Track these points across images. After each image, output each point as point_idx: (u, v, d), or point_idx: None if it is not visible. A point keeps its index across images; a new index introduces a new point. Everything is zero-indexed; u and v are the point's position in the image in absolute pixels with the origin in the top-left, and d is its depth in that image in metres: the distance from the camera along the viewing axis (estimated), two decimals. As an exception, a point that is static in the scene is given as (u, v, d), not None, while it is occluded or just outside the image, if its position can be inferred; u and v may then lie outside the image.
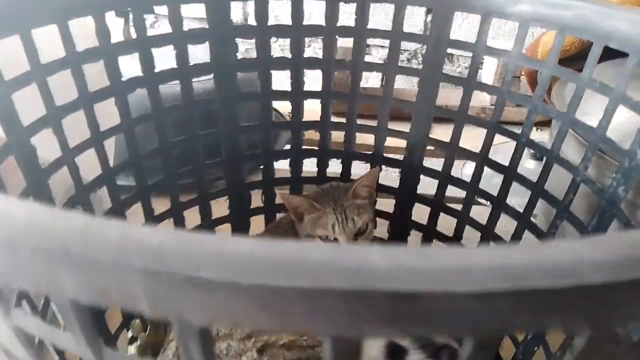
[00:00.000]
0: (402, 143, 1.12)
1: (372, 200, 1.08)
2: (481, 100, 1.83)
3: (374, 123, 1.11)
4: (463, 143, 1.04)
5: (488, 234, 1.02)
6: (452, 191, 1.08)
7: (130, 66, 0.92)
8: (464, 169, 1.72)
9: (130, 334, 0.97)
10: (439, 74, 1.02)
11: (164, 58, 0.94)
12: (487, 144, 1.00)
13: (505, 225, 1.00)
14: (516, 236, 0.96)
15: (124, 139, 0.93)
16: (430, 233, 1.13)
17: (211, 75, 1.01)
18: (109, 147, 0.93)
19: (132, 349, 0.95)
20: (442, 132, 1.10)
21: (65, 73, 0.79)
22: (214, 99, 1.04)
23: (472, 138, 1.07)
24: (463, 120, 1.02)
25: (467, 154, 1.04)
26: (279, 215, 1.18)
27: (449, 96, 1.76)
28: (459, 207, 1.07)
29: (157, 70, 0.93)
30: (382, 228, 1.20)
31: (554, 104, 1.03)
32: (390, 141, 1.12)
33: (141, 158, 0.96)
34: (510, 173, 0.97)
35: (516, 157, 0.95)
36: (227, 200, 1.14)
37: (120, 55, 0.87)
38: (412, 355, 0.91)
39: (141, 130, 0.95)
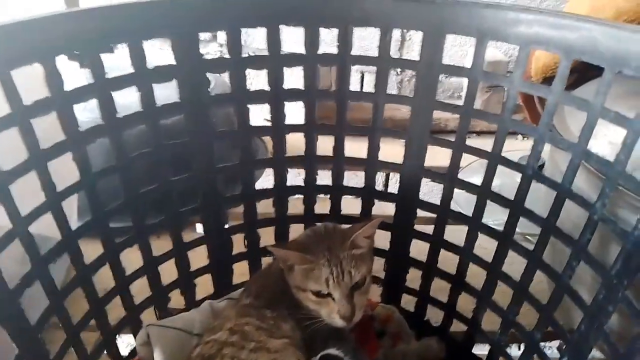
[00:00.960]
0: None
1: (370, 250, 0.98)
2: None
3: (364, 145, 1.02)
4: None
5: (496, 271, 0.94)
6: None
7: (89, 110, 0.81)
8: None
9: None
10: (432, 101, 0.94)
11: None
12: (489, 177, 0.91)
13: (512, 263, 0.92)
14: (527, 275, 0.88)
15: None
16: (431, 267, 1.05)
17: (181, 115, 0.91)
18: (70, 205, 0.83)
19: None
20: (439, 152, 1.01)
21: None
22: (186, 141, 0.93)
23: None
24: (461, 149, 0.94)
25: (466, 185, 0.96)
26: (266, 262, 1.08)
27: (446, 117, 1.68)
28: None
29: (119, 115, 0.82)
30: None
31: (555, 126, 0.95)
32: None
33: (106, 215, 0.85)
34: (516, 208, 0.88)
35: (522, 190, 0.87)
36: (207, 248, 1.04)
37: (76, 104, 0.76)
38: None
39: (106, 181, 0.84)
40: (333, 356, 0.85)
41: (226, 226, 1.05)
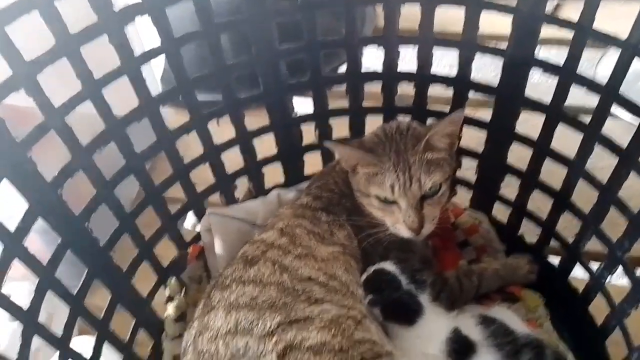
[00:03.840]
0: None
1: (452, 153, 0.82)
2: None
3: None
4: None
5: (610, 194, 0.73)
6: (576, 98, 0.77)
7: None
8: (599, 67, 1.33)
9: (167, 293, 0.89)
10: None
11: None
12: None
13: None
14: None
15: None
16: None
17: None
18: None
19: (170, 309, 0.88)
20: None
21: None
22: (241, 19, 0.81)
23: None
24: (587, 33, 0.70)
25: (588, 83, 0.73)
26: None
27: None
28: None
29: None
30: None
31: None
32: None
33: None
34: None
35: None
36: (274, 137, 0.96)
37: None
38: (484, 354, 0.72)
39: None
40: (386, 272, 0.76)
41: (293, 115, 0.95)
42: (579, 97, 0.76)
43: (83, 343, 0.76)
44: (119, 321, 0.79)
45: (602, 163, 0.74)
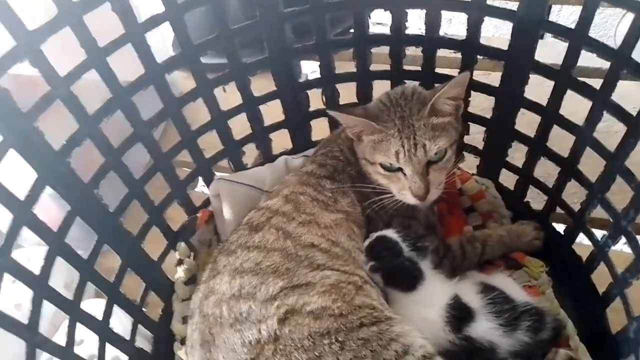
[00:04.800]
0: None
1: (457, 116, 0.81)
2: None
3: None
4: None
5: (618, 163, 0.72)
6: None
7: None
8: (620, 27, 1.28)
9: (178, 256, 0.92)
10: None
11: None
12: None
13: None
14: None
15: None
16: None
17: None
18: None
19: (180, 271, 0.91)
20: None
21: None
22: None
23: None
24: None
25: (597, 46, 0.70)
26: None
27: None
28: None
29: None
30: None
31: None
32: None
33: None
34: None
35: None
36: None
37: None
38: (482, 322, 0.73)
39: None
40: (388, 239, 0.77)
41: (300, 80, 0.94)
42: (593, 59, 0.74)
43: (95, 305, 0.80)
44: (130, 284, 0.82)
45: (615, 128, 0.73)
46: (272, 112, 0.97)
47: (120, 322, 0.84)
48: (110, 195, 0.79)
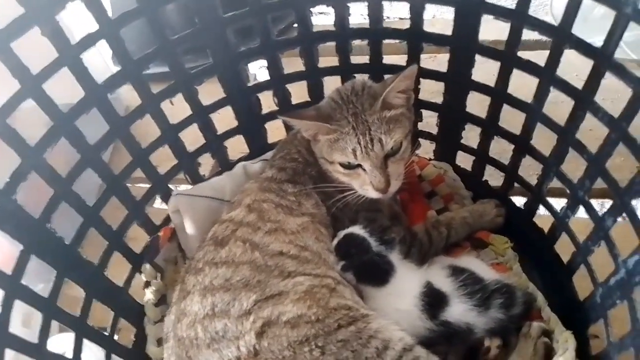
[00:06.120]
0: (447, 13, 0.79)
1: (409, 107, 0.81)
2: None
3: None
4: None
5: (568, 136, 0.74)
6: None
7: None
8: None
9: (144, 278, 0.89)
10: None
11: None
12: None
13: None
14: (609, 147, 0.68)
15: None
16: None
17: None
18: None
19: (149, 293, 0.88)
20: None
21: None
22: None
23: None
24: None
25: (539, 24, 0.72)
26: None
27: None
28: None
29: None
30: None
31: None
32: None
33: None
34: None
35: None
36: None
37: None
38: (457, 305, 0.74)
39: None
40: (355, 236, 0.77)
41: (249, 84, 0.92)
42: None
43: (63, 341, 0.76)
44: (98, 312, 0.79)
45: (562, 97, 0.74)
46: (224, 118, 0.95)
47: (93, 354, 0.81)
48: (65, 225, 0.76)
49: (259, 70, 1.31)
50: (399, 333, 0.67)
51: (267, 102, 0.95)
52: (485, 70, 0.83)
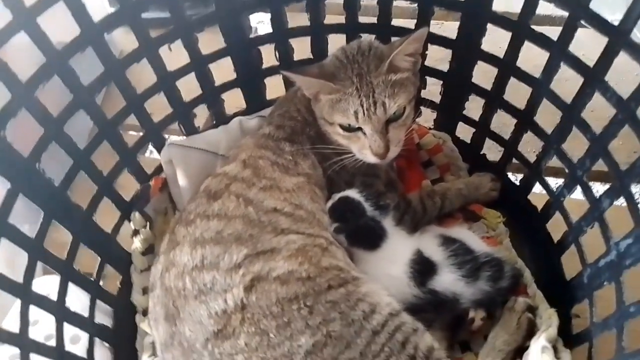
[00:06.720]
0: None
1: (415, 72, 0.79)
2: None
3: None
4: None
5: (574, 114, 0.73)
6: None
7: None
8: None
9: (133, 227, 0.88)
10: None
11: None
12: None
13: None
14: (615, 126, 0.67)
15: None
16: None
17: None
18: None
19: (137, 242, 0.87)
20: None
21: None
22: None
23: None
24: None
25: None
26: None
27: None
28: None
29: None
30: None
31: None
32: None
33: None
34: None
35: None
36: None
37: None
38: (446, 274, 0.74)
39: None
40: (350, 200, 0.76)
41: (251, 36, 0.89)
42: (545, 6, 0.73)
43: (47, 283, 0.76)
44: (84, 258, 0.78)
45: (567, 74, 0.73)
46: (223, 70, 0.92)
47: (78, 298, 0.81)
48: (55, 168, 0.74)
49: (257, 25, 1.28)
50: (387, 298, 0.67)
51: (268, 56, 0.93)
52: (492, 41, 0.81)
